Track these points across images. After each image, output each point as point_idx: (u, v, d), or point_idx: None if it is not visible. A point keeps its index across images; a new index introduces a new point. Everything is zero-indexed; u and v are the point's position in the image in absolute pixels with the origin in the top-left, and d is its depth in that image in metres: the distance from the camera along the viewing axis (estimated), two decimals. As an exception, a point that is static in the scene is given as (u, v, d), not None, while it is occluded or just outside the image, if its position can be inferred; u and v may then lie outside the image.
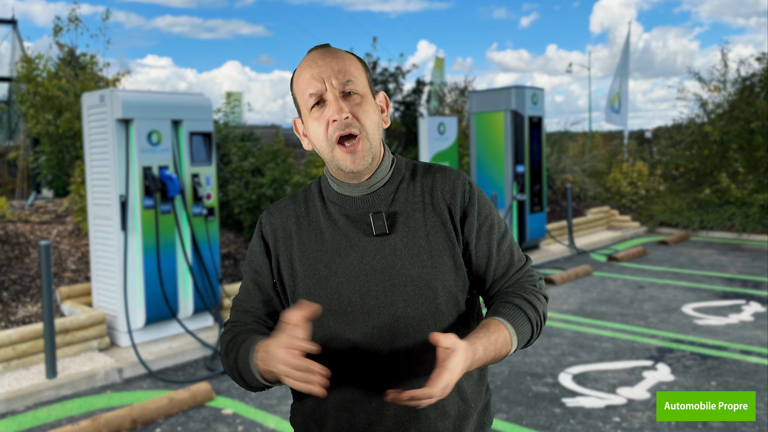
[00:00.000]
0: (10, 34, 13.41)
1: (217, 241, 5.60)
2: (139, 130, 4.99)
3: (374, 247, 1.32)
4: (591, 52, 37.31)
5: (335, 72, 1.30)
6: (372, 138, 1.32)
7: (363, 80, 1.34)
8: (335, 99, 1.29)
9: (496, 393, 4.18)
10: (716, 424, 3.61)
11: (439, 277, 1.32)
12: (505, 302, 1.36)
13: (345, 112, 1.28)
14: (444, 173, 1.41)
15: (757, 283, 7.22)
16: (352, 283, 1.31)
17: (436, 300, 1.32)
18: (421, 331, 1.30)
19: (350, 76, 1.31)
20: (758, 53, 13.47)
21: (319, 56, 1.33)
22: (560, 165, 12.92)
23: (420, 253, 1.32)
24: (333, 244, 1.34)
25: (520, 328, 1.33)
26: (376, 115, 1.34)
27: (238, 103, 11.88)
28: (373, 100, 1.36)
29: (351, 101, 1.30)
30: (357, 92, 1.31)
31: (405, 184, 1.39)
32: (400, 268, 1.31)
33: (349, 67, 1.32)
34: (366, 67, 1.39)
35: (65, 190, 8.97)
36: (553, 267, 8.38)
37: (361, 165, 1.31)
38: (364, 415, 1.31)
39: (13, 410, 4.10)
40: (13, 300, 5.54)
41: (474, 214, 1.38)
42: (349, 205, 1.37)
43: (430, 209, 1.36)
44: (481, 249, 1.38)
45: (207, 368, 4.80)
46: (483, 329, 1.28)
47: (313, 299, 1.31)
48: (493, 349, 1.26)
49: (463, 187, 1.39)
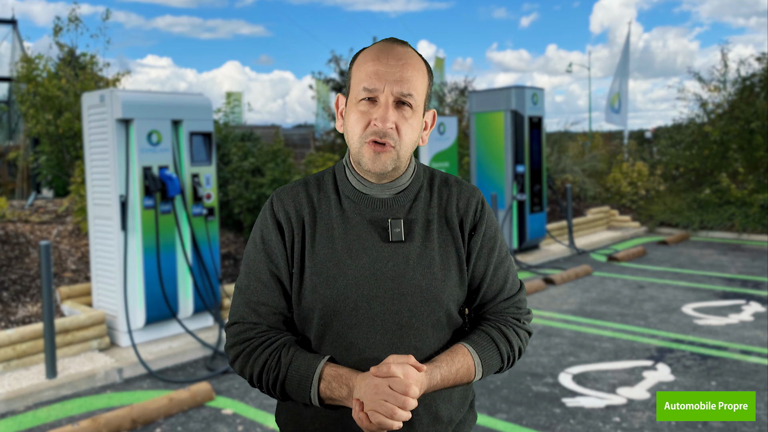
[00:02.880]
0: (10, 34, 13.41)
1: (217, 241, 5.60)
2: (139, 130, 4.99)
3: (387, 254, 1.32)
4: (591, 52, 37.36)
5: (399, 80, 1.28)
6: (402, 153, 1.31)
7: (422, 94, 1.32)
8: (386, 106, 1.28)
9: (496, 393, 4.18)
10: (716, 424, 3.61)
11: (446, 291, 1.33)
12: (481, 331, 1.38)
13: (390, 122, 1.27)
14: (460, 187, 1.41)
15: (757, 283, 7.22)
16: (361, 287, 1.30)
17: (440, 312, 1.33)
18: (421, 341, 1.32)
19: (411, 89, 1.29)
20: (758, 53, 13.48)
21: (391, 54, 1.30)
22: (560, 165, 12.92)
23: (432, 265, 1.33)
24: (345, 244, 1.32)
25: (488, 360, 1.35)
26: (416, 133, 1.33)
27: (238, 103, 11.88)
28: (422, 117, 1.35)
29: (401, 112, 1.29)
30: (411, 105, 1.30)
31: (423, 193, 1.39)
32: (411, 278, 1.31)
33: (415, 79, 1.30)
34: (431, 78, 1.37)
35: (65, 190, 8.97)
36: (553, 267, 8.38)
37: (379, 168, 1.29)
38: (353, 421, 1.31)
39: (13, 410, 4.10)
40: (13, 300, 5.54)
41: (480, 233, 1.39)
42: (365, 205, 1.35)
43: (443, 222, 1.37)
44: (478, 269, 1.39)
45: (207, 368, 4.79)
46: (448, 356, 1.31)
47: (318, 297, 1.31)
48: (452, 379, 1.30)
49: (477, 204, 1.40)
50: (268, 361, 1.29)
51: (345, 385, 1.24)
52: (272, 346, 1.31)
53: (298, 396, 1.28)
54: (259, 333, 1.33)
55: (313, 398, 1.26)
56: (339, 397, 1.24)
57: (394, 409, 1.16)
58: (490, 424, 3.73)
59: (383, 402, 1.17)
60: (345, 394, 1.24)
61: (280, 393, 1.30)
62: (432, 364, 1.27)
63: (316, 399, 1.26)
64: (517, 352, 1.40)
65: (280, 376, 1.28)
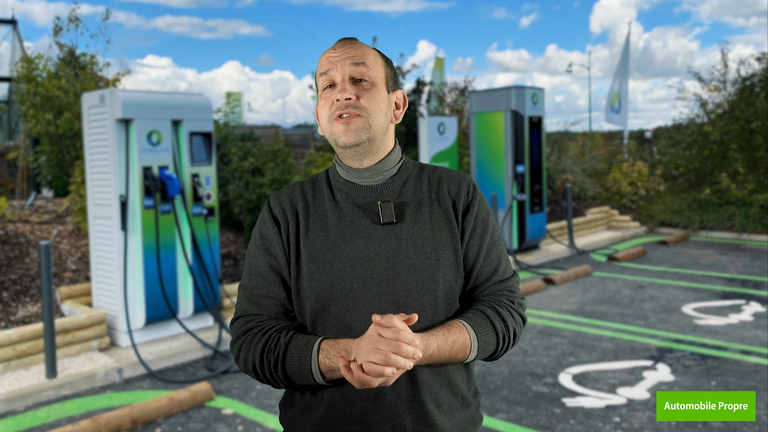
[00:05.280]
0: (10, 34, 13.40)
1: (217, 241, 5.60)
2: (139, 130, 4.99)
3: (380, 235, 1.34)
4: (591, 52, 37.29)
5: (350, 57, 1.35)
6: (373, 120, 1.34)
7: (378, 71, 1.37)
8: (342, 81, 1.34)
9: (496, 393, 4.18)
10: (716, 424, 3.61)
11: (441, 270, 1.34)
12: (476, 309, 1.36)
13: (348, 93, 1.32)
14: (450, 173, 1.45)
15: (757, 283, 7.22)
16: (356, 269, 1.32)
17: (437, 292, 1.33)
18: (419, 321, 1.31)
19: (363, 59, 1.35)
20: (758, 53, 13.48)
21: (339, 44, 1.39)
22: (560, 165, 12.92)
23: (425, 244, 1.34)
24: (338, 230, 1.35)
25: (483, 336, 1.33)
26: (384, 104, 1.37)
27: (238, 103, 11.88)
28: (386, 93, 1.38)
29: (360, 86, 1.34)
30: (368, 79, 1.35)
31: (412, 180, 1.42)
32: (405, 258, 1.33)
33: (366, 56, 1.36)
34: (388, 63, 1.42)
35: (65, 190, 8.97)
36: (553, 267, 8.38)
37: (353, 138, 1.32)
38: (362, 403, 1.31)
39: (13, 410, 4.10)
40: (13, 300, 5.54)
41: (473, 214, 1.40)
42: (356, 193, 1.39)
43: (436, 204, 1.39)
44: (471, 249, 1.39)
45: (207, 368, 4.79)
46: (444, 328, 1.29)
47: (315, 283, 1.33)
48: (448, 350, 1.27)
49: (468, 187, 1.43)
50: (268, 343, 1.31)
51: (343, 350, 1.23)
52: (271, 330, 1.33)
53: (299, 375, 1.27)
54: (260, 322, 1.35)
55: (314, 371, 1.25)
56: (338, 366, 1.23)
57: (387, 354, 1.13)
58: (490, 424, 3.73)
59: (376, 349, 1.15)
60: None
61: (282, 375, 1.29)
62: (428, 332, 1.26)
63: (317, 372, 1.25)
64: (512, 335, 1.38)
65: (280, 355, 1.29)
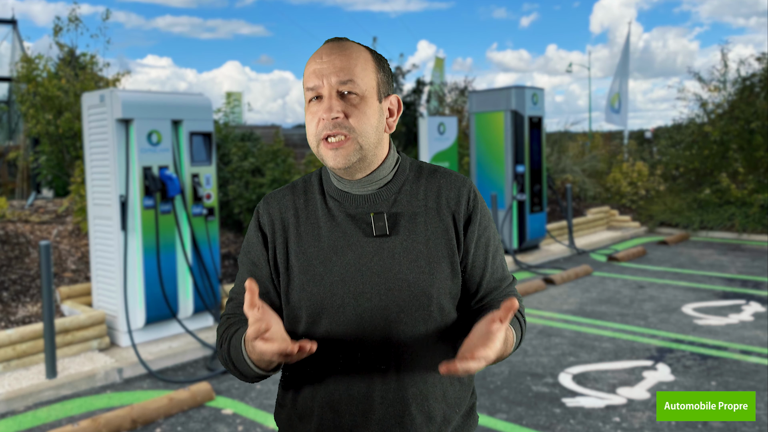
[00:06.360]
0: (10, 34, 13.41)
1: (217, 241, 5.60)
2: (139, 130, 4.99)
3: (373, 248, 1.30)
4: (591, 52, 37.33)
5: (337, 70, 1.26)
6: (363, 139, 1.28)
7: (368, 81, 1.29)
8: (329, 97, 1.26)
9: (496, 393, 4.18)
10: (716, 424, 3.61)
11: (435, 285, 1.30)
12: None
13: (334, 111, 1.25)
14: (449, 178, 1.38)
15: (757, 283, 7.22)
16: (347, 283, 1.29)
17: (430, 307, 1.30)
18: (412, 336, 1.29)
19: (351, 75, 1.26)
20: (758, 53, 13.48)
21: (326, 51, 1.30)
22: (560, 165, 12.92)
23: (418, 258, 1.30)
24: (330, 241, 1.32)
25: (517, 332, 1.36)
26: (374, 118, 1.29)
27: (238, 103, 11.88)
28: (377, 103, 1.31)
29: (347, 101, 1.27)
30: (356, 93, 1.27)
31: (408, 186, 1.36)
32: (397, 272, 1.29)
33: (354, 66, 1.27)
34: (381, 66, 1.34)
35: (65, 190, 8.97)
36: (553, 267, 8.38)
37: (342, 163, 1.28)
38: (350, 416, 1.30)
39: (13, 410, 4.10)
40: (13, 300, 5.54)
41: (476, 223, 1.36)
42: (349, 203, 1.34)
43: (433, 214, 1.34)
44: (477, 260, 1.37)
45: (207, 368, 4.80)
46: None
47: (306, 296, 1.31)
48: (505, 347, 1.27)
49: (468, 194, 1.37)
50: (223, 335, 1.35)
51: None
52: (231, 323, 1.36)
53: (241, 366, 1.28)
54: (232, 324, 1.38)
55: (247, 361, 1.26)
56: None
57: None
58: (490, 424, 3.73)
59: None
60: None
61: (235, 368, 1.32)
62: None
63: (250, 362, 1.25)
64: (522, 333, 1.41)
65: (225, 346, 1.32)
